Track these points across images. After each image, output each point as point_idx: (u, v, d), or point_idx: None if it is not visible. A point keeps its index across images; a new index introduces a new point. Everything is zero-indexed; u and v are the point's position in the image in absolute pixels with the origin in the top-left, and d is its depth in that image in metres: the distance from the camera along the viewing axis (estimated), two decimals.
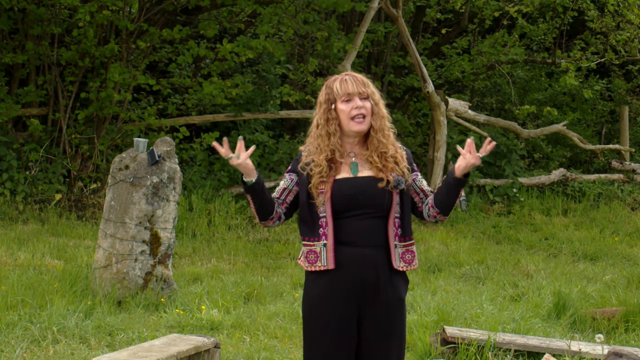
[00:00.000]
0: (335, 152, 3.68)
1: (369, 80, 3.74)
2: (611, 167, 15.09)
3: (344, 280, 3.63)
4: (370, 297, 3.65)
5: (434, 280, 8.76)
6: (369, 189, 3.64)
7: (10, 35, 12.23)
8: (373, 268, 3.63)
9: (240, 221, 11.04)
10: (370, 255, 3.63)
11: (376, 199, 3.63)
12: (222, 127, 14.03)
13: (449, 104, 13.66)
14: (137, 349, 5.13)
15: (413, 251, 3.73)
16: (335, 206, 3.63)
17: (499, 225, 12.16)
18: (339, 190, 3.64)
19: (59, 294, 6.71)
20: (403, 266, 3.69)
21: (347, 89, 3.65)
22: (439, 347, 5.98)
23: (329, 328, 3.65)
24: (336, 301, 3.64)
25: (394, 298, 3.67)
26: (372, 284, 3.64)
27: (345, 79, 3.68)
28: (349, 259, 3.62)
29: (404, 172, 3.70)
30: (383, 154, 3.67)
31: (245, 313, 6.95)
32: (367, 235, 3.63)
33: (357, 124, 3.66)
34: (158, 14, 12.53)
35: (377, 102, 3.70)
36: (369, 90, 3.68)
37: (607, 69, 17.58)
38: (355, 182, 3.66)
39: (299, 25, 12.85)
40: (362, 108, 3.65)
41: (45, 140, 11.56)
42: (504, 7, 14.96)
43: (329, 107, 3.69)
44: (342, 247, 3.63)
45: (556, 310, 7.30)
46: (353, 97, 3.65)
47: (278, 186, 3.80)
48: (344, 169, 3.69)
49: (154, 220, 7.07)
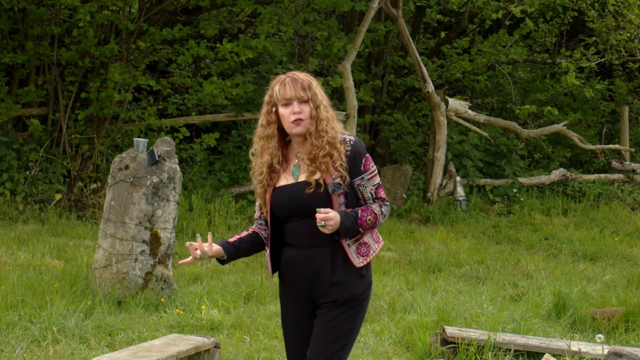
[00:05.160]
0: (273, 157, 3.72)
1: (311, 80, 3.72)
2: (611, 167, 15.10)
3: (294, 280, 3.75)
4: (319, 294, 3.71)
5: (434, 280, 8.76)
6: (302, 196, 3.66)
7: (10, 35, 12.23)
8: (316, 267, 3.68)
9: (240, 221, 11.04)
10: (313, 255, 3.69)
11: (309, 205, 3.64)
12: (222, 127, 14.04)
13: (449, 104, 13.66)
14: (137, 349, 5.13)
15: (366, 242, 3.73)
16: (276, 214, 3.73)
17: (499, 225, 12.15)
18: (276, 200, 3.73)
19: (59, 294, 6.71)
20: (362, 260, 3.71)
21: (285, 94, 3.66)
22: (439, 347, 5.98)
23: (289, 325, 3.85)
24: (291, 300, 3.80)
25: (343, 294, 3.69)
26: (318, 283, 3.69)
27: (285, 83, 3.67)
28: (295, 260, 3.73)
29: (340, 172, 3.65)
30: (316, 157, 3.66)
31: (245, 313, 6.95)
32: (309, 236, 3.67)
33: (295, 127, 3.68)
34: (158, 14, 12.53)
35: (318, 104, 3.69)
36: (309, 94, 3.68)
37: (608, 70, 17.59)
38: (291, 189, 3.70)
39: (299, 25, 12.85)
40: (300, 113, 3.66)
41: (45, 140, 11.56)
42: (504, 7, 14.95)
43: (270, 109, 3.74)
44: (288, 249, 3.75)
45: (556, 310, 7.30)
46: (292, 101, 3.67)
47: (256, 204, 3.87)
48: (287, 173, 3.75)
49: (154, 220, 7.07)
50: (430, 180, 13.49)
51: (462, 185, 13.41)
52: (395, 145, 15.33)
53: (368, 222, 3.66)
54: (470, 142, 14.15)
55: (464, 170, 13.84)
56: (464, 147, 14.09)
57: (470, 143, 14.14)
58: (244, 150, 12.90)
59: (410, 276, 8.83)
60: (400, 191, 13.33)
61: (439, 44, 16.09)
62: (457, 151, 14.08)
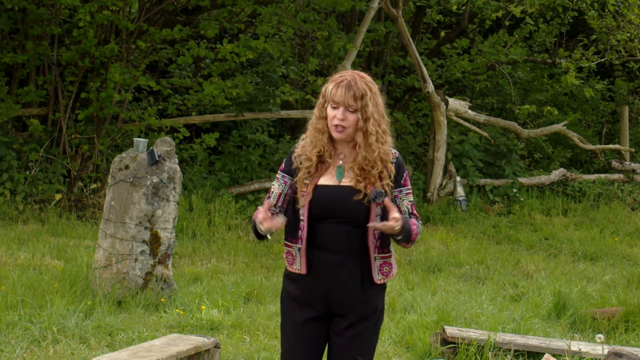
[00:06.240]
0: (325, 150, 3.63)
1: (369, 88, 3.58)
2: (611, 167, 15.10)
3: (315, 283, 3.65)
4: (342, 304, 3.65)
5: (434, 280, 8.76)
6: (346, 201, 3.60)
7: (10, 35, 12.23)
8: (344, 275, 3.63)
9: (240, 221, 11.04)
10: (342, 261, 3.62)
11: (352, 211, 3.59)
12: (223, 127, 14.04)
13: (449, 104, 13.66)
14: (137, 349, 5.12)
15: (390, 263, 3.70)
16: (313, 212, 3.63)
17: (499, 225, 12.16)
18: (318, 198, 3.62)
19: (59, 294, 6.71)
20: (381, 279, 3.68)
21: (335, 96, 3.56)
22: (439, 347, 5.98)
23: (298, 326, 3.70)
24: (307, 302, 3.68)
25: (367, 308, 3.67)
26: (343, 291, 3.64)
27: (341, 85, 3.56)
28: (323, 263, 3.63)
29: (385, 189, 3.61)
30: (365, 169, 3.60)
31: (245, 313, 6.95)
32: (342, 242, 3.62)
33: (336, 132, 3.60)
34: (158, 14, 12.52)
35: (369, 117, 3.57)
36: (359, 104, 3.55)
37: (608, 70, 17.59)
38: (334, 191, 3.62)
39: (299, 25, 12.85)
40: (344, 120, 3.57)
41: (45, 140, 11.56)
42: (504, 8, 14.95)
43: (322, 104, 3.65)
44: (317, 251, 3.64)
45: (556, 310, 7.30)
46: (339, 106, 3.57)
47: (273, 189, 3.75)
48: (330, 172, 3.66)
49: (154, 220, 7.07)
50: (430, 180, 13.48)
51: (462, 185, 13.41)
52: (395, 146, 15.32)
53: (414, 234, 3.63)
54: (470, 142, 14.15)
55: (464, 170, 13.84)
56: (464, 147, 14.09)
57: (470, 143, 14.14)
58: (244, 150, 12.90)
59: (410, 276, 8.83)
60: None
61: (439, 44, 16.09)
62: (457, 151, 14.08)
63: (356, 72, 3.63)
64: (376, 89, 3.63)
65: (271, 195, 3.74)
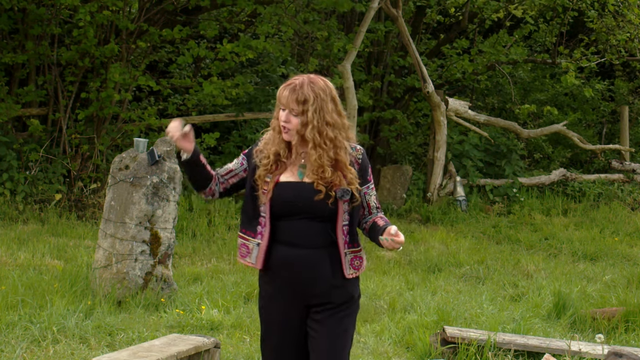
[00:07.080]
0: (280, 149, 3.66)
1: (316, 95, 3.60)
2: (611, 167, 15.10)
3: (286, 279, 3.67)
4: (316, 296, 3.66)
5: (434, 280, 8.76)
6: (309, 197, 3.61)
7: (10, 35, 12.23)
8: (316, 268, 3.64)
9: (240, 221, 11.03)
10: (313, 256, 3.63)
11: (316, 207, 3.61)
12: (223, 127, 14.04)
13: (449, 104, 13.66)
14: (137, 349, 5.13)
15: (361, 257, 3.72)
16: (275, 209, 3.65)
17: (499, 225, 12.16)
18: (279, 195, 3.64)
19: (59, 294, 6.71)
20: (352, 273, 3.69)
21: (280, 99, 3.64)
22: (439, 347, 5.98)
23: (275, 325, 3.75)
24: (279, 299, 3.72)
25: (343, 297, 3.68)
26: (317, 284, 3.65)
27: (287, 88, 3.62)
28: (290, 259, 3.64)
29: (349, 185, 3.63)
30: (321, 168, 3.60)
31: (245, 313, 6.95)
32: (309, 237, 3.63)
33: (283, 132, 3.65)
34: (158, 14, 12.52)
35: (307, 123, 3.57)
36: (300, 109, 3.58)
37: (608, 70, 17.59)
38: (296, 188, 3.64)
39: (299, 25, 12.85)
40: (288, 123, 3.61)
41: (45, 140, 11.56)
42: (504, 8, 14.95)
43: (277, 105, 3.70)
44: (283, 247, 3.66)
45: (556, 310, 7.30)
46: (285, 108, 3.63)
47: (229, 164, 3.84)
48: (291, 170, 3.69)
49: (154, 220, 7.07)
50: (430, 180, 13.49)
51: (462, 185, 13.41)
52: (395, 145, 15.34)
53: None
54: (470, 142, 14.15)
55: (464, 170, 13.84)
56: (464, 147, 14.09)
57: (470, 143, 14.14)
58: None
59: (410, 276, 8.83)
60: (400, 191, 13.33)
61: (439, 44, 16.09)
62: (457, 151, 14.09)
63: (310, 76, 3.67)
64: (328, 95, 3.64)
65: (223, 168, 3.84)
